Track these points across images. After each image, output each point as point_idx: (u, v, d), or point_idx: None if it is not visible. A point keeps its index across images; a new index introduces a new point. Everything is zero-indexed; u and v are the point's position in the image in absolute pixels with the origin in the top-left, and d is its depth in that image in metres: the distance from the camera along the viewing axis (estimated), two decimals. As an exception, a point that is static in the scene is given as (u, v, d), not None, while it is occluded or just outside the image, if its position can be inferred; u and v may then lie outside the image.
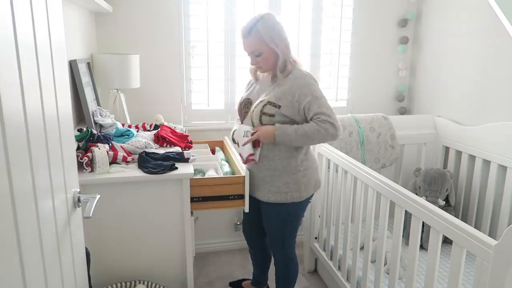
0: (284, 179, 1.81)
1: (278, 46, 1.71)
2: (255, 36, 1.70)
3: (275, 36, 1.70)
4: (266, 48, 1.71)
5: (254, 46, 1.72)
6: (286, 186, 1.82)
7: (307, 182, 1.85)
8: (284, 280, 2.05)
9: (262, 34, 1.69)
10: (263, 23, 1.69)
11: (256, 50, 1.72)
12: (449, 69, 2.59)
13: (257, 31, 1.69)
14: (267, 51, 1.72)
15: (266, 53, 1.72)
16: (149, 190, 1.74)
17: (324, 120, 1.68)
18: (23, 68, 0.74)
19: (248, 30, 1.71)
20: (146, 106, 2.58)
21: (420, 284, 1.85)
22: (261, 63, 1.76)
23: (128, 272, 1.81)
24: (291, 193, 1.82)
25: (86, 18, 2.22)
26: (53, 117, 0.96)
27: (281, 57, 1.72)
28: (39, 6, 0.87)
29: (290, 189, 1.82)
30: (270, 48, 1.71)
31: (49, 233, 0.88)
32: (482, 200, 2.32)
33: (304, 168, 1.84)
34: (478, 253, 1.20)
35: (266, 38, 1.69)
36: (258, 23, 1.69)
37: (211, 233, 2.88)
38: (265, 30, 1.69)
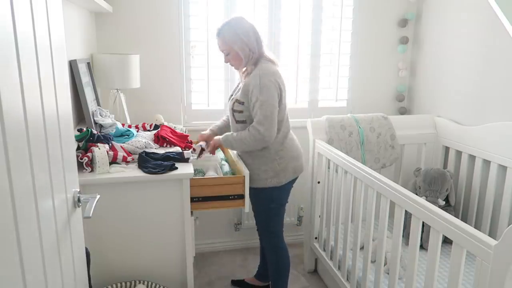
0: (263, 167, 2.00)
1: (241, 48, 1.90)
2: (221, 38, 1.92)
3: (237, 39, 1.89)
4: (230, 49, 1.92)
5: (221, 47, 1.95)
6: (265, 173, 2.00)
7: (284, 169, 2.01)
8: (275, 268, 2.14)
9: (225, 37, 1.91)
10: (228, 27, 1.91)
11: (224, 50, 1.94)
12: (449, 69, 2.59)
13: (222, 34, 1.91)
14: (233, 51, 1.92)
15: (232, 53, 1.93)
16: (149, 190, 1.74)
17: (254, 127, 1.87)
18: (23, 68, 0.74)
19: (217, 31, 1.94)
20: (146, 106, 2.58)
21: (420, 284, 1.85)
22: (231, 61, 1.97)
23: (128, 272, 1.81)
24: (270, 179, 2.00)
25: (86, 18, 2.22)
26: (53, 117, 0.96)
27: (243, 58, 1.92)
28: (39, 6, 0.87)
29: (268, 175, 2.00)
30: (233, 50, 1.91)
31: (49, 233, 0.88)
32: (482, 200, 2.32)
33: (280, 157, 2.00)
34: (478, 253, 1.19)
35: (229, 40, 1.90)
36: (225, 27, 1.91)
37: (211, 233, 2.88)
38: (228, 33, 1.90)
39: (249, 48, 1.91)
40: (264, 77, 1.86)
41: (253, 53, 1.92)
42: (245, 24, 1.92)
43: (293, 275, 2.61)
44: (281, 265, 2.13)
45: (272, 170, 1.99)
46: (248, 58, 1.92)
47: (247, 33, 1.90)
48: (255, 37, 1.93)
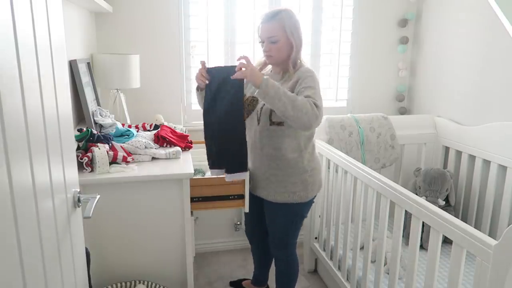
0: (292, 179, 1.80)
1: (295, 39, 1.74)
2: (278, 21, 1.71)
3: (294, 29, 1.73)
4: (284, 37, 1.72)
5: (273, 31, 1.72)
6: (293, 186, 1.80)
7: (313, 182, 1.85)
8: (285, 279, 2.06)
9: (284, 22, 1.71)
10: (287, 14, 1.73)
11: (274, 36, 1.72)
12: (449, 69, 2.59)
13: (280, 18, 1.71)
14: (284, 40, 1.73)
15: (283, 42, 1.73)
16: (149, 190, 1.74)
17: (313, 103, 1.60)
18: (23, 68, 0.74)
19: (272, 14, 1.73)
20: (146, 106, 2.58)
21: (420, 284, 1.85)
22: (274, 51, 1.74)
23: (128, 272, 1.81)
24: (298, 193, 1.81)
25: (86, 18, 2.22)
26: (53, 117, 0.96)
27: (294, 50, 1.74)
28: (39, 6, 0.87)
29: (297, 189, 1.81)
30: (287, 39, 1.73)
31: (49, 233, 0.88)
32: (482, 200, 2.32)
33: (311, 168, 1.83)
34: (478, 253, 1.19)
35: (287, 27, 1.71)
36: (283, 12, 1.72)
37: (211, 233, 2.88)
38: (288, 19, 1.72)
39: (300, 42, 1.76)
40: (314, 72, 1.73)
41: (299, 51, 1.78)
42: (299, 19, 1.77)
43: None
44: (292, 275, 2.04)
45: (301, 182, 1.81)
46: (297, 53, 1.76)
47: (301, 27, 1.76)
48: None
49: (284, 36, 1.72)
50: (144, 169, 1.77)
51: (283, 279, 2.06)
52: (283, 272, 2.05)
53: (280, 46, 1.73)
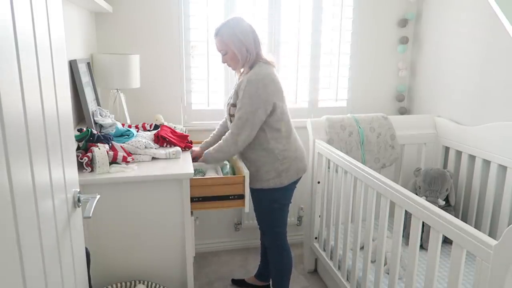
0: (265, 168, 1.99)
1: (238, 49, 1.90)
2: (219, 37, 1.92)
3: (235, 40, 1.90)
4: (228, 49, 1.92)
5: (219, 46, 1.95)
6: (267, 174, 1.99)
7: (287, 169, 2.00)
8: (278, 269, 2.13)
9: (223, 37, 1.91)
10: (227, 27, 1.91)
11: (222, 50, 1.95)
12: (449, 69, 2.59)
13: (220, 33, 1.91)
14: (230, 51, 1.92)
15: (230, 53, 1.93)
16: (149, 190, 1.74)
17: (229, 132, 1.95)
18: (23, 68, 0.74)
19: (215, 31, 1.94)
20: (146, 106, 2.58)
21: (420, 284, 1.85)
22: (228, 61, 1.97)
23: (128, 272, 1.81)
24: (272, 180, 2.00)
25: (86, 18, 2.22)
26: (53, 117, 0.96)
27: (240, 59, 1.92)
28: (39, 6, 0.87)
29: (271, 176, 1.99)
30: (231, 50, 1.92)
31: (49, 233, 0.88)
32: (482, 200, 2.32)
33: (283, 157, 1.99)
34: (478, 253, 1.19)
35: (227, 40, 1.90)
36: (223, 27, 1.92)
37: (211, 233, 2.88)
38: (227, 33, 1.90)
39: (247, 49, 1.91)
40: (250, 83, 1.87)
41: (250, 54, 1.92)
42: (244, 24, 1.92)
43: (293, 275, 2.60)
44: (284, 265, 2.12)
45: (274, 170, 1.99)
46: (245, 59, 1.92)
47: (245, 33, 1.91)
48: (254, 38, 1.92)
49: (228, 49, 1.92)
50: (144, 169, 1.76)
51: (276, 270, 2.14)
52: (275, 262, 2.14)
53: (230, 57, 1.94)
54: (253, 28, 1.94)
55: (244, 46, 1.90)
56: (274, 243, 2.11)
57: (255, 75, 1.89)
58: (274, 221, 2.08)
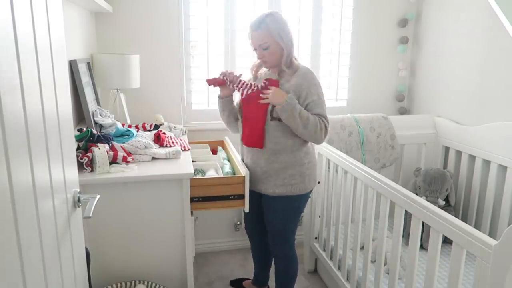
0: (290, 171, 1.87)
1: (284, 41, 1.80)
2: (264, 29, 1.79)
3: (281, 31, 1.79)
4: (273, 42, 1.79)
5: (262, 39, 1.80)
6: (291, 178, 1.87)
7: (310, 175, 1.92)
8: (285, 276, 2.07)
9: (270, 28, 1.78)
10: (271, 19, 1.79)
11: (264, 43, 1.80)
12: (449, 69, 2.59)
13: (266, 25, 1.78)
14: (274, 45, 1.80)
15: (273, 47, 1.80)
16: (149, 190, 1.74)
17: (324, 122, 1.82)
18: (23, 68, 0.74)
19: (257, 23, 1.80)
20: (146, 106, 2.58)
21: (420, 284, 1.85)
22: (267, 56, 1.83)
23: (128, 272, 1.81)
24: (296, 185, 1.88)
25: (86, 18, 2.22)
26: (53, 117, 0.96)
27: (285, 52, 1.81)
28: (39, 6, 0.87)
29: (295, 181, 1.88)
30: (276, 42, 1.79)
31: (49, 233, 0.88)
32: (482, 200, 2.32)
33: (308, 161, 1.91)
34: (478, 253, 1.19)
35: (274, 32, 1.78)
36: (267, 18, 1.79)
37: (211, 233, 2.88)
38: (273, 24, 1.78)
39: (292, 43, 1.83)
40: (314, 74, 1.84)
41: (292, 50, 1.84)
42: (285, 18, 1.84)
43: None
44: (291, 273, 2.06)
45: (299, 174, 1.88)
46: (289, 54, 1.83)
47: (289, 26, 1.83)
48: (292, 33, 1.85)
49: (273, 41, 1.80)
50: (144, 169, 1.77)
51: (282, 278, 2.07)
52: (283, 270, 2.06)
53: (272, 51, 1.81)
54: None
55: (290, 39, 1.82)
56: (285, 252, 2.02)
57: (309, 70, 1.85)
58: (289, 229, 1.99)
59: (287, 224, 1.97)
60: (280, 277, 2.08)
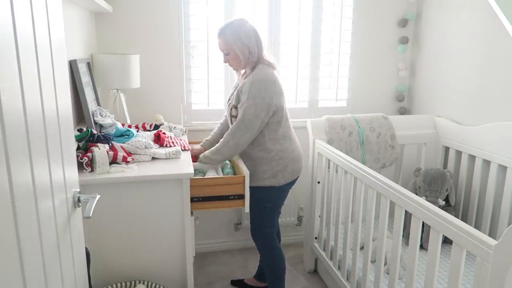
0: (262, 167, 2.04)
1: (241, 50, 1.95)
2: (222, 37, 1.97)
3: (238, 40, 1.94)
4: (231, 49, 1.97)
5: (221, 46, 1.99)
6: (263, 172, 2.04)
7: (283, 169, 2.04)
8: (271, 269, 2.15)
9: (227, 37, 1.95)
10: (230, 28, 1.95)
11: (224, 50, 1.99)
12: (449, 69, 2.59)
13: (224, 34, 1.96)
14: (232, 52, 1.97)
15: (232, 54, 1.97)
16: (149, 190, 1.74)
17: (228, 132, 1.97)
18: (23, 68, 0.74)
19: (218, 31, 1.98)
20: (146, 106, 2.58)
21: (420, 284, 1.85)
22: (230, 61, 2.01)
23: (128, 272, 1.81)
24: (268, 179, 2.04)
25: (86, 18, 2.22)
26: (53, 117, 0.96)
27: (242, 60, 1.97)
28: (39, 6, 0.87)
29: (267, 175, 2.04)
30: (233, 50, 1.96)
31: (49, 233, 0.88)
32: (482, 200, 2.32)
33: (279, 157, 2.03)
34: (478, 253, 1.20)
35: (230, 41, 1.95)
36: (227, 27, 1.96)
37: (211, 233, 2.88)
38: (230, 34, 1.95)
39: (249, 51, 1.95)
40: (254, 84, 1.91)
41: (252, 56, 1.97)
42: (247, 26, 1.97)
43: (293, 275, 2.61)
44: (277, 265, 2.14)
45: (270, 170, 2.03)
46: (247, 60, 1.97)
47: (248, 35, 1.95)
48: (256, 40, 1.98)
49: (230, 49, 1.96)
50: (144, 169, 1.76)
51: (271, 270, 2.16)
52: (268, 263, 2.16)
53: (232, 57, 1.98)
54: (256, 30, 1.99)
55: (247, 47, 1.95)
56: (264, 244, 2.14)
57: (257, 76, 1.93)
58: (265, 221, 2.10)
59: (262, 216, 2.10)
60: (268, 271, 2.17)
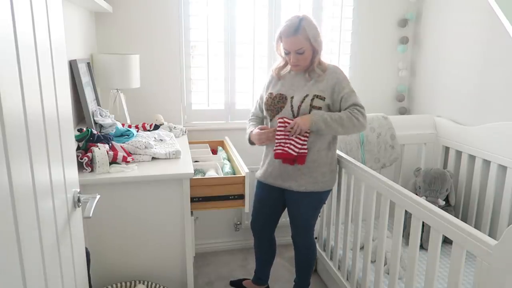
0: (322, 169, 1.94)
1: (318, 44, 1.86)
2: (302, 34, 1.81)
3: (317, 35, 1.84)
4: (309, 46, 1.84)
5: (299, 44, 1.82)
6: (323, 175, 1.95)
7: (336, 171, 2.05)
8: (307, 263, 2.18)
9: (308, 33, 1.82)
10: (307, 23, 1.83)
11: (301, 48, 1.83)
12: (449, 69, 2.59)
13: (303, 30, 1.81)
14: (310, 48, 1.85)
15: (308, 50, 1.85)
16: (149, 190, 1.74)
17: (358, 111, 1.85)
18: (23, 68, 0.74)
19: (295, 27, 1.82)
20: (146, 106, 2.58)
21: (420, 284, 1.85)
22: (301, 61, 1.87)
23: (128, 272, 1.81)
24: (326, 182, 1.97)
25: (86, 18, 2.22)
26: (53, 117, 0.96)
27: (318, 54, 1.87)
28: (39, 6, 0.87)
29: (326, 178, 1.96)
30: (312, 46, 1.85)
31: (49, 233, 0.88)
32: (482, 200, 2.32)
33: (335, 159, 2.03)
34: (478, 253, 1.19)
35: (311, 36, 1.82)
36: (303, 22, 1.82)
37: (211, 233, 2.88)
38: (310, 29, 1.83)
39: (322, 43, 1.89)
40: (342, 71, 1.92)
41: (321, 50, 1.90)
42: None
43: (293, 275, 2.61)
44: (312, 260, 2.18)
45: (329, 172, 1.98)
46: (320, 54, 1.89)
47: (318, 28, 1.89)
48: None
49: (309, 45, 1.84)
50: (144, 169, 1.77)
51: (306, 264, 2.17)
52: (305, 257, 2.16)
53: (306, 55, 1.86)
54: None
55: (321, 41, 1.88)
56: (309, 240, 2.12)
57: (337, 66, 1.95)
58: (313, 220, 2.10)
59: (313, 217, 2.08)
60: (303, 265, 2.17)
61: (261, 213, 2.16)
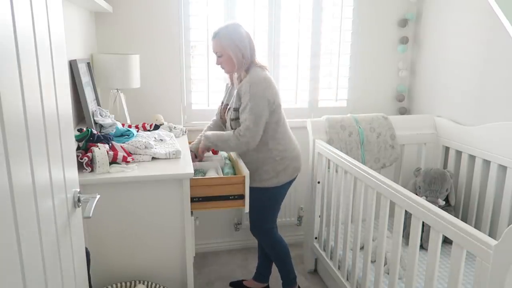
0: (264, 167, 2.07)
1: (234, 53, 1.98)
2: (217, 40, 2.00)
3: (232, 44, 1.97)
4: (225, 52, 1.99)
5: (215, 48, 2.02)
6: (266, 173, 2.08)
7: (285, 169, 2.09)
8: (278, 259, 2.24)
9: (221, 40, 1.98)
10: (225, 31, 1.99)
11: (218, 52, 2.02)
12: (449, 69, 2.59)
13: (219, 37, 1.99)
14: (225, 55, 2.00)
15: (225, 56, 2.00)
16: (149, 190, 1.74)
17: (240, 131, 1.96)
18: (23, 68, 0.74)
19: (213, 34, 2.01)
20: (146, 106, 2.58)
21: (420, 284, 1.85)
22: (223, 63, 2.04)
23: (128, 272, 1.81)
24: (270, 179, 2.08)
25: (86, 18, 2.22)
26: (53, 117, 0.96)
27: (235, 63, 1.99)
28: (39, 6, 0.87)
29: (269, 175, 2.08)
30: (227, 53, 1.99)
31: (49, 233, 0.88)
32: (482, 200, 2.32)
33: (281, 157, 2.08)
34: (478, 253, 1.20)
35: (224, 44, 1.98)
36: (222, 30, 1.99)
37: (211, 233, 2.88)
38: (225, 37, 1.98)
39: (242, 54, 1.99)
40: (254, 85, 1.94)
41: (245, 59, 2.00)
42: (241, 31, 2.01)
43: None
44: (282, 255, 2.23)
45: (273, 170, 2.07)
46: (240, 63, 2.00)
47: (242, 39, 1.99)
48: (249, 44, 2.01)
49: (224, 52, 1.99)
50: (144, 169, 1.77)
51: (278, 260, 2.25)
52: (274, 255, 2.24)
53: (225, 59, 2.01)
54: (249, 35, 2.03)
55: (240, 51, 1.98)
56: (267, 240, 2.22)
57: (254, 78, 1.97)
58: (266, 217, 2.17)
59: (264, 214, 2.16)
60: (276, 261, 2.25)
61: None
